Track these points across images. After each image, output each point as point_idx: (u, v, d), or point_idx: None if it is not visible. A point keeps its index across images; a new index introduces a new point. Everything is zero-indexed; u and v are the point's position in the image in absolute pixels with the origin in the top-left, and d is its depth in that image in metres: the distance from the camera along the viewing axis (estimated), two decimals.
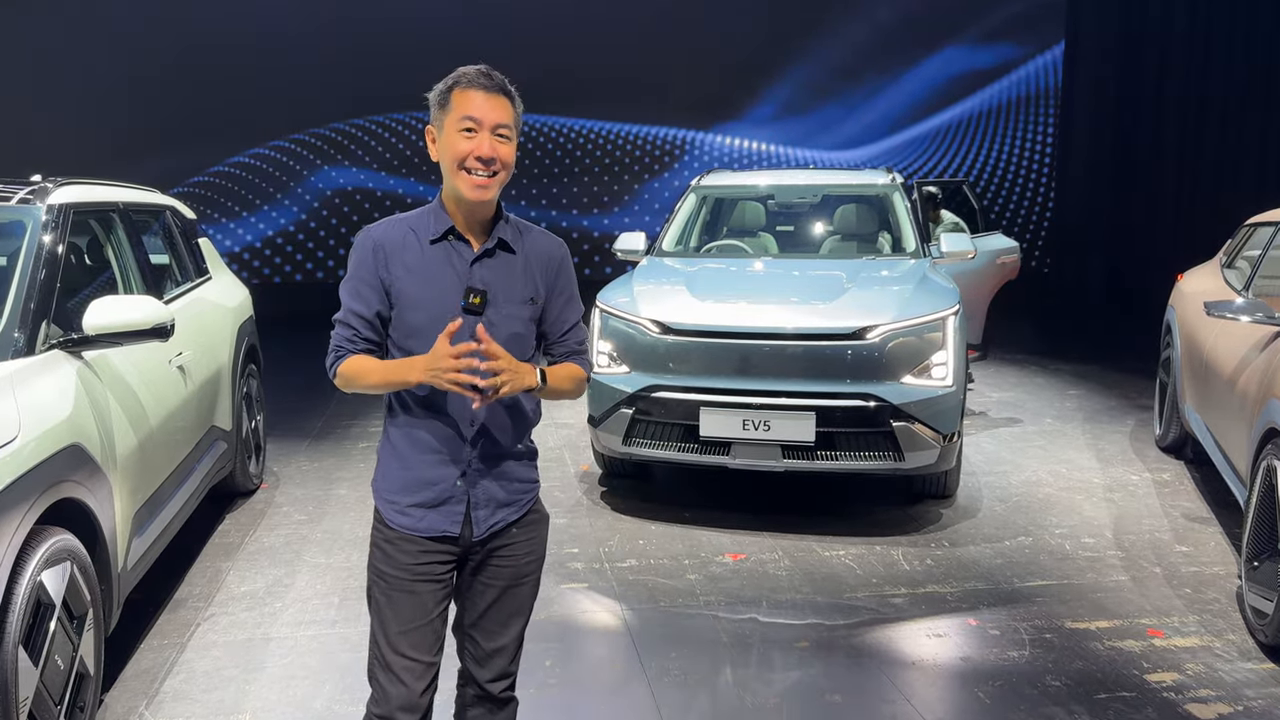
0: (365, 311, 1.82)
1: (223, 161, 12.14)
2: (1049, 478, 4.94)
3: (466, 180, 1.76)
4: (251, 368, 4.69)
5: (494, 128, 1.76)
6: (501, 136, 1.77)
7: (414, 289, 1.80)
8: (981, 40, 13.23)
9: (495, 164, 1.76)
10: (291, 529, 4.22)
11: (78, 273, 3.41)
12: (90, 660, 2.51)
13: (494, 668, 1.94)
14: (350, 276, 1.84)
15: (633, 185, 13.02)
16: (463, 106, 1.75)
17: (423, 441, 1.83)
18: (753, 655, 3.12)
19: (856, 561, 3.87)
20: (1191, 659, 3.06)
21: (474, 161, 1.75)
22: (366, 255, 1.82)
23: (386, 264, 1.81)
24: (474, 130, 1.75)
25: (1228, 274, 4.86)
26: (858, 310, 4.13)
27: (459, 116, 1.75)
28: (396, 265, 1.81)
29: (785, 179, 5.97)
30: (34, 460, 2.29)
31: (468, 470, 1.84)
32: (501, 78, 1.80)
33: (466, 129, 1.75)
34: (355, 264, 1.83)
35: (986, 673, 2.99)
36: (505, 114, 1.77)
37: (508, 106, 1.78)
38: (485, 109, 1.75)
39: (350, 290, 1.83)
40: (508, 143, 1.78)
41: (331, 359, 1.84)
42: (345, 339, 1.83)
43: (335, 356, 1.84)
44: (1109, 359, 7.98)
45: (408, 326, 1.81)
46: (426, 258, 1.81)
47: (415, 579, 1.83)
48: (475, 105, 1.75)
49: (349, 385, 1.83)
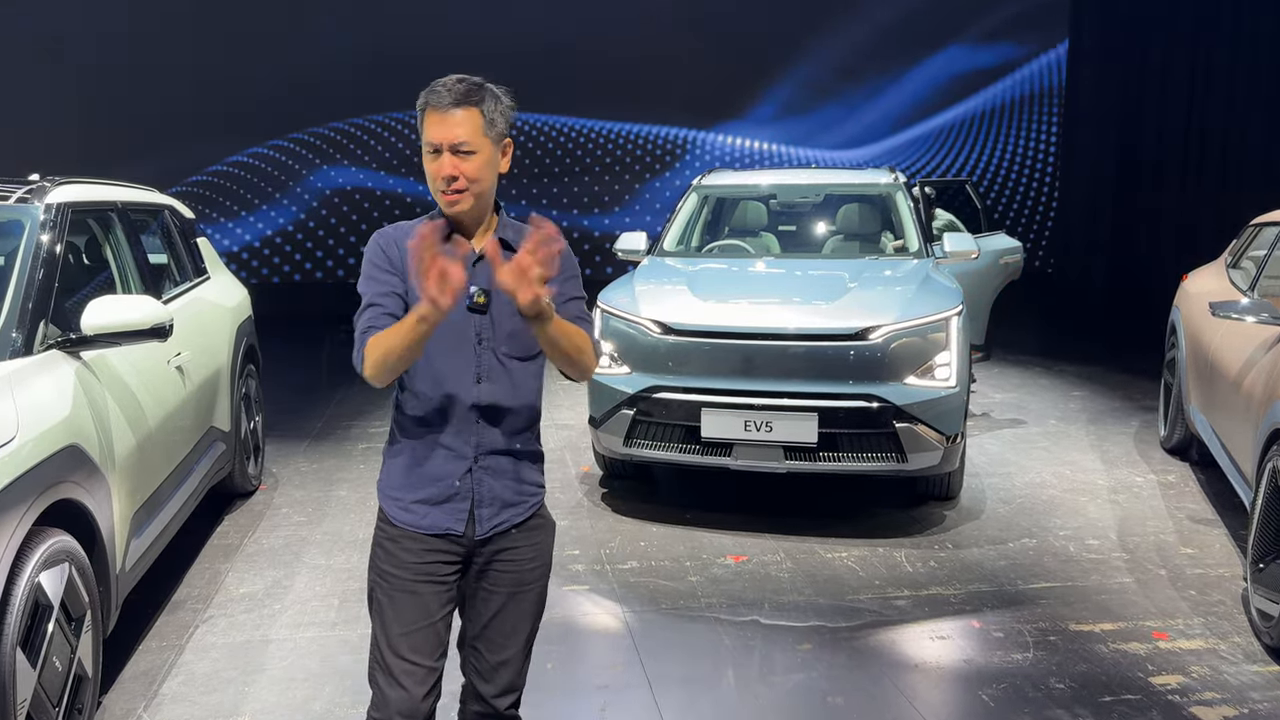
0: (387, 291, 1.81)
1: (222, 161, 12.14)
2: (1053, 479, 4.93)
3: (441, 198, 1.80)
4: (250, 368, 4.68)
5: (452, 147, 1.76)
6: (464, 153, 1.76)
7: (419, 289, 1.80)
8: (984, 39, 13.21)
9: (459, 181, 1.77)
10: (291, 530, 4.21)
11: (76, 272, 3.41)
12: (88, 662, 2.51)
13: (499, 682, 1.92)
14: (367, 270, 1.85)
15: (633, 185, 13.01)
16: (426, 129, 1.78)
17: (430, 439, 1.84)
18: (755, 658, 3.11)
19: (859, 563, 3.86)
20: (1197, 662, 3.04)
21: (439, 182, 1.78)
22: (381, 248, 1.85)
23: (400, 259, 1.83)
24: (437, 152, 1.77)
25: (1233, 274, 4.85)
26: (860, 310, 4.12)
27: (425, 139, 1.78)
28: (405, 265, 1.82)
29: (787, 178, 5.96)
30: (32, 461, 2.29)
31: (473, 467, 1.84)
32: (463, 89, 1.77)
33: (431, 150, 1.78)
34: (371, 258, 1.85)
35: (990, 675, 2.97)
36: (464, 129, 1.75)
37: (468, 119, 1.76)
38: (440, 131, 1.75)
39: (370, 280, 1.84)
40: (470, 158, 1.77)
41: (357, 346, 1.78)
42: (371, 318, 1.79)
43: (361, 342, 1.78)
44: (1113, 360, 7.95)
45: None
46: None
47: (418, 578, 1.83)
48: (432, 128, 1.77)
49: (375, 360, 1.73)
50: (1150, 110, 11.83)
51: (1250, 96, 10.48)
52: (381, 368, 1.73)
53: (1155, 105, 11.76)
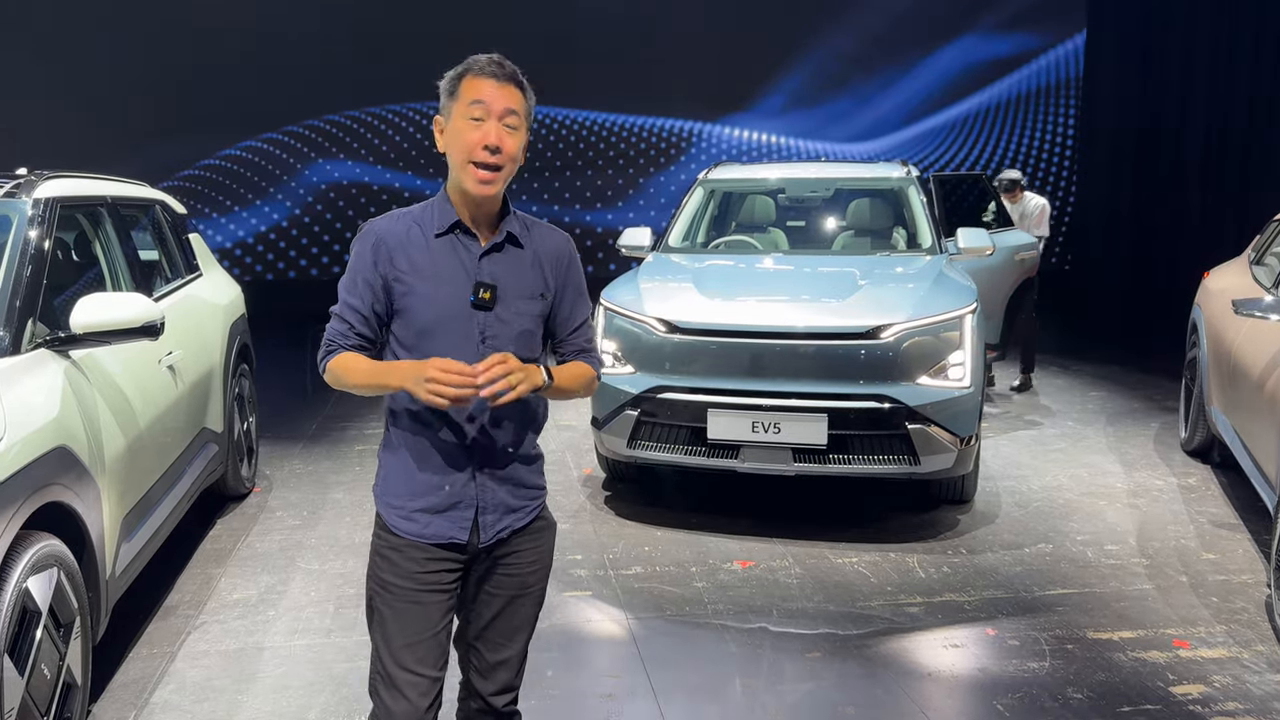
0: (361, 307, 1.80)
1: (214, 154, 12.07)
2: (1070, 482, 4.89)
3: (472, 175, 1.73)
4: (244, 368, 4.67)
5: (502, 115, 1.73)
6: (509, 126, 1.74)
7: (421, 285, 1.77)
8: (999, 29, 13.06)
9: (501, 154, 1.73)
10: (285, 534, 4.19)
11: (65, 269, 3.38)
12: (77, 670, 2.48)
13: (498, 680, 1.92)
14: (349, 271, 1.81)
15: (638, 179, 12.92)
16: (471, 92, 1.73)
17: (429, 444, 1.80)
18: (763, 666, 3.08)
19: (870, 569, 3.82)
20: (1219, 671, 3.00)
21: (481, 152, 1.72)
22: (367, 250, 1.79)
23: (390, 259, 1.78)
24: (482, 118, 1.72)
25: (1256, 271, 4.82)
26: (872, 308, 4.08)
27: (467, 102, 1.73)
28: (401, 260, 1.77)
29: (796, 172, 5.94)
30: (19, 463, 2.26)
31: (476, 474, 1.81)
32: (514, 67, 1.78)
33: (475, 116, 1.72)
34: (355, 259, 1.81)
35: (1005, 684, 2.94)
36: (515, 101, 1.75)
37: (518, 96, 1.76)
38: (494, 94, 1.73)
39: (348, 285, 1.81)
40: (515, 133, 1.75)
41: (323, 353, 1.83)
42: (339, 333, 1.82)
43: (326, 351, 1.83)
44: (1132, 359, 7.92)
45: (417, 325, 1.77)
46: (432, 253, 1.78)
47: (421, 588, 1.80)
48: (484, 90, 1.73)
49: (336, 382, 1.82)
50: (1171, 103, 11.67)
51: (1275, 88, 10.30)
52: (338, 385, 1.83)
53: (1176, 98, 11.60)
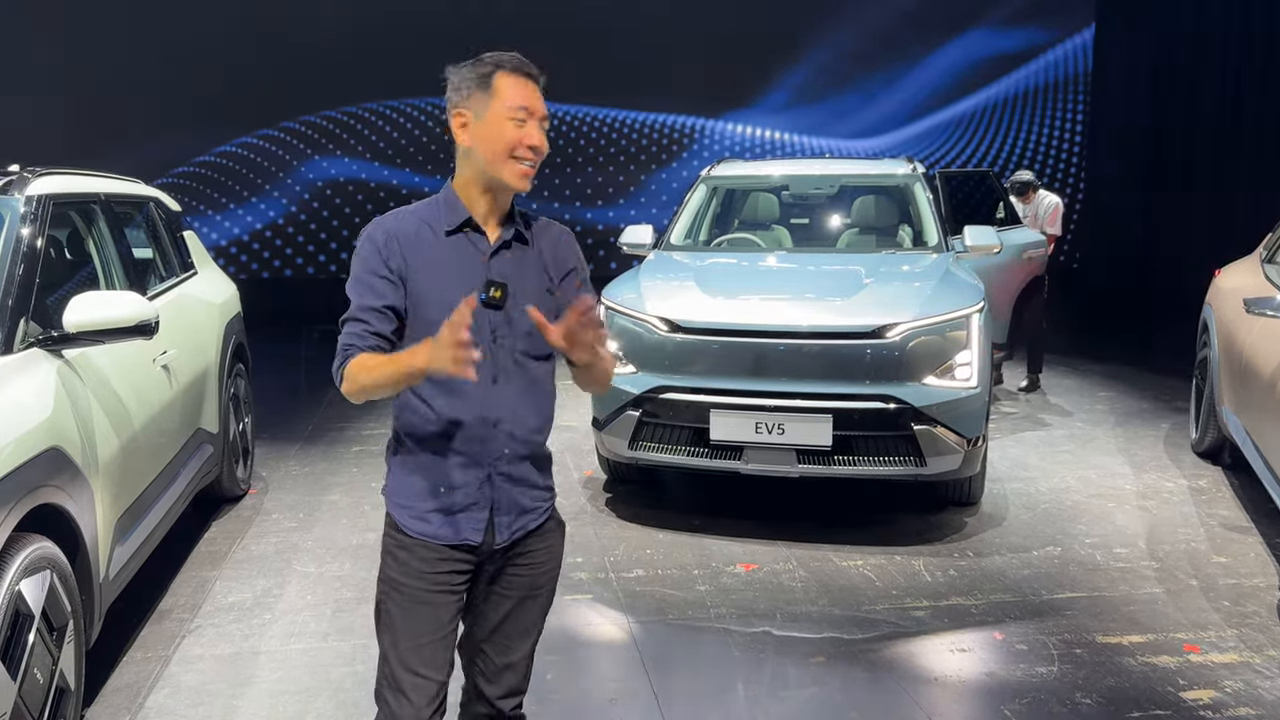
0: (377, 302, 1.74)
1: (209, 151, 12.05)
2: (1078, 484, 4.86)
3: (515, 169, 1.74)
4: (239, 367, 4.65)
5: (541, 118, 1.77)
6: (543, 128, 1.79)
7: (432, 284, 1.75)
8: (1006, 23, 12.99)
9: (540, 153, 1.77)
10: (281, 537, 4.18)
11: (57, 267, 3.37)
12: (70, 674, 2.47)
13: (505, 684, 1.91)
14: (358, 272, 1.76)
15: (639, 176, 12.88)
16: (514, 95, 1.74)
17: (440, 442, 1.77)
18: (766, 671, 3.06)
19: (875, 572, 3.79)
20: (1230, 675, 2.97)
21: (525, 151, 1.74)
22: (378, 246, 1.75)
23: (402, 255, 1.75)
24: (525, 120, 1.74)
25: (1269, 269, 4.76)
26: (877, 307, 4.05)
27: (511, 105, 1.73)
28: (413, 258, 1.75)
29: (800, 169, 5.91)
30: (12, 464, 2.26)
31: (492, 474, 1.79)
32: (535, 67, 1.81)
33: (518, 118, 1.74)
34: (364, 257, 1.76)
35: (1013, 689, 2.91)
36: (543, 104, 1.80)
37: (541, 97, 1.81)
38: (536, 100, 1.76)
39: (360, 285, 1.75)
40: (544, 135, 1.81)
41: (338, 361, 1.74)
42: (355, 335, 1.73)
43: (342, 358, 1.74)
44: (1142, 359, 7.89)
45: (426, 325, 1.73)
46: (442, 251, 1.76)
47: (431, 589, 1.79)
48: (527, 95, 1.75)
49: (355, 387, 1.71)
50: (1181, 98, 11.57)
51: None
52: (361, 396, 1.72)
53: (1186, 93, 11.49)
